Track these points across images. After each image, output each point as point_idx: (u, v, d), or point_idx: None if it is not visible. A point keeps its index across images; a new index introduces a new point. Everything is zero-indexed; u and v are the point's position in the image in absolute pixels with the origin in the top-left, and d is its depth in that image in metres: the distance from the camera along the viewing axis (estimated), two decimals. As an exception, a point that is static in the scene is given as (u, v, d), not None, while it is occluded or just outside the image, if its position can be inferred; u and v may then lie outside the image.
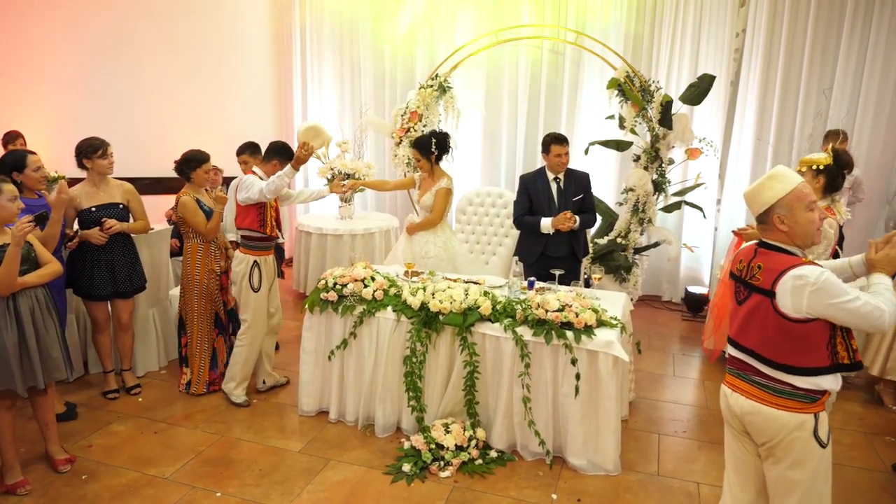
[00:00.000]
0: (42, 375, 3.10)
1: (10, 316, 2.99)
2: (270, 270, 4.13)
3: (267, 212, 3.98)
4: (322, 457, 3.53)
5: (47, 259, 3.18)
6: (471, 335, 3.51)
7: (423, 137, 4.49)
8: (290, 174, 3.79)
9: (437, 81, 5.65)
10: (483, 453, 3.49)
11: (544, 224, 4.16)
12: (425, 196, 4.52)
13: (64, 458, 3.38)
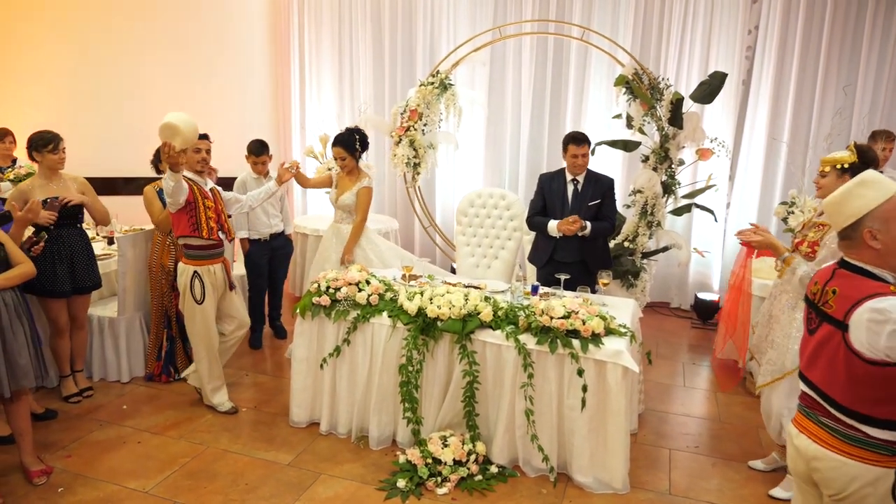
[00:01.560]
0: (8, 383, 2.91)
1: (23, 307, 2.85)
2: (218, 280, 3.81)
3: (199, 214, 3.64)
4: (312, 471, 3.34)
5: (19, 259, 3.00)
6: (470, 343, 3.32)
7: (347, 134, 4.37)
8: (171, 177, 3.41)
9: (438, 78, 5.46)
10: (483, 469, 3.29)
11: (550, 227, 3.97)
12: (345, 195, 4.37)
13: (39, 470, 3.19)
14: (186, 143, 3.41)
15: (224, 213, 3.81)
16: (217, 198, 3.80)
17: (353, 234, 4.37)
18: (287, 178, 4.04)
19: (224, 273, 3.86)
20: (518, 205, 5.03)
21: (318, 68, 6.76)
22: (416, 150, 5.55)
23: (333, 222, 4.54)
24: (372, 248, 4.46)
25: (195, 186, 3.66)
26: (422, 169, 5.64)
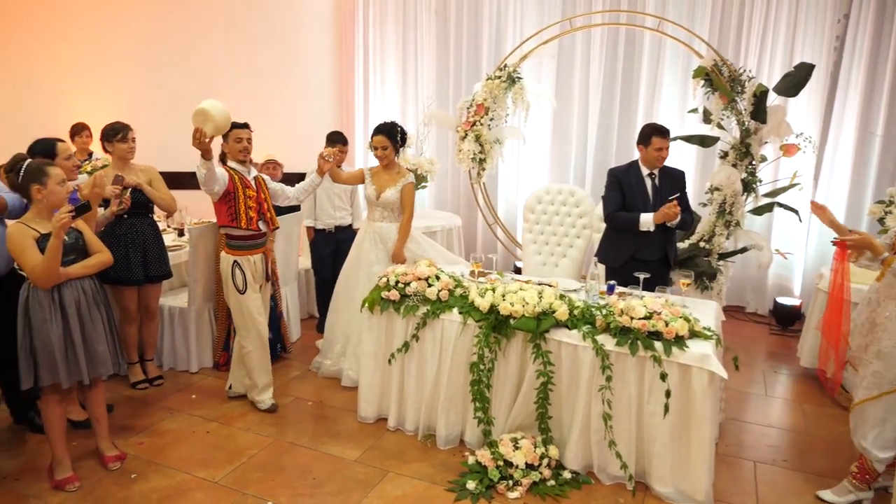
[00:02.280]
0: (87, 370, 2.94)
1: (55, 308, 2.84)
2: (258, 271, 3.75)
3: (238, 204, 3.58)
4: (380, 468, 3.27)
5: (97, 248, 3.02)
6: (545, 342, 3.19)
7: (390, 124, 4.16)
8: (202, 165, 3.35)
9: (506, 72, 5.34)
10: (556, 474, 3.16)
11: (644, 220, 3.78)
12: (388, 192, 4.11)
13: (113, 455, 3.23)
14: (218, 130, 3.33)
15: (267, 204, 3.74)
16: (261, 187, 3.73)
17: (404, 233, 4.16)
18: (326, 168, 3.87)
19: (264, 264, 3.79)
20: (588, 202, 4.86)
21: (382, 64, 6.73)
22: (482, 146, 5.45)
23: (371, 221, 4.23)
24: (416, 247, 4.29)
25: (236, 176, 3.61)
26: (487, 165, 5.53)
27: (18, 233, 2.80)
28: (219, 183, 3.49)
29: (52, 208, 2.84)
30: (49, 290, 2.83)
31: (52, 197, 2.83)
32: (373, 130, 4.16)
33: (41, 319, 2.82)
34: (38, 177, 2.81)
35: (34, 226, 2.82)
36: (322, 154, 3.87)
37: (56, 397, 2.96)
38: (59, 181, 2.85)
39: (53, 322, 2.83)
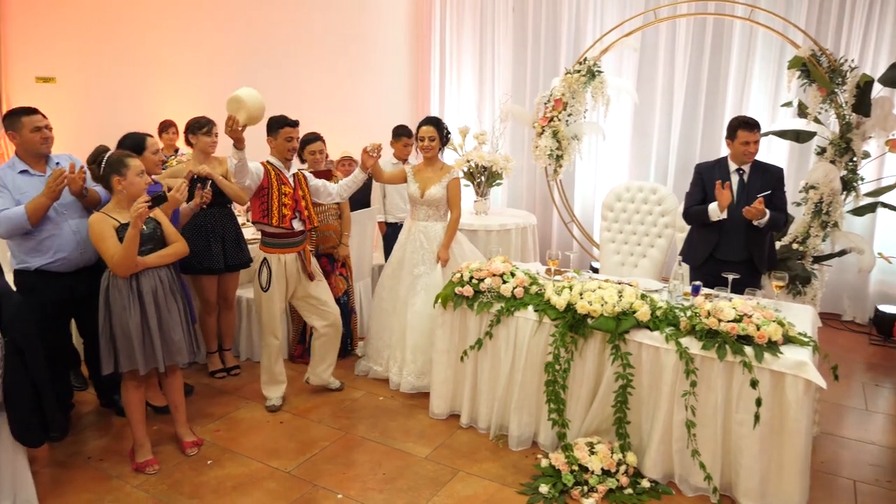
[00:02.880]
0: (163, 358, 3.01)
1: (133, 296, 2.92)
2: (289, 271, 3.63)
3: (271, 201, 3.51)
4: (450, 466, 3.21)
5: (174, 238, 3.10)
6: (624, 343, 3.05)
7: (438, 118, 4.06)
8: (234, 155, 3.30)
9: (586, 66, 5.19)
10: (633, 482, 3.01)
11: (712, 209, 3.58)
12: (433, 189, 3.93)
13: (191, 441, 3.31)
14: (251, 119, 3.23)
15: (306, 201, 3.62)
16: (301, 184, 3.64)
17: (451, 232, 3.98)
18: (370, 163, 3.67)
19: (298, 264, 3.66)
20: (671, 200, 4.65)
21: (458, 59, 6.69)
22: (559, 142, 5.32)
23: (415, 220, 4.05)
24: (459, 249, 4.11)
25: (273, 171, 3.54)
26: (564, 161, 5.39)
27: (99, 222, 2.90)
28: (251, 177, 3.42)
29: (131, 199, 2.92)
30: (127, 278, 2.91)
31: (132, 188, 2.92)
32: (420, 121, 4.03)
33: (120, 307, 2.91)
34: (118, 168, 2.91)
35: (114, 215, 2.92)
36: (365, 148, 3.68)
37: (134, 382, 3.05)
38: (138, 172, 2.92)
39: (131, 310, 2.91)
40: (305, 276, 3.69)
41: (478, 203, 5.81)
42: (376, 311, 4.21)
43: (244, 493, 2.98)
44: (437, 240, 3.97)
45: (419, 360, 3.90)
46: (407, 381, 3.93)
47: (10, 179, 3.10)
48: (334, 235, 4.36)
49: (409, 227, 4.09)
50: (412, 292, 3.95)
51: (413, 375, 3.92)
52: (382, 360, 4.15)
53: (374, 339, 4.21)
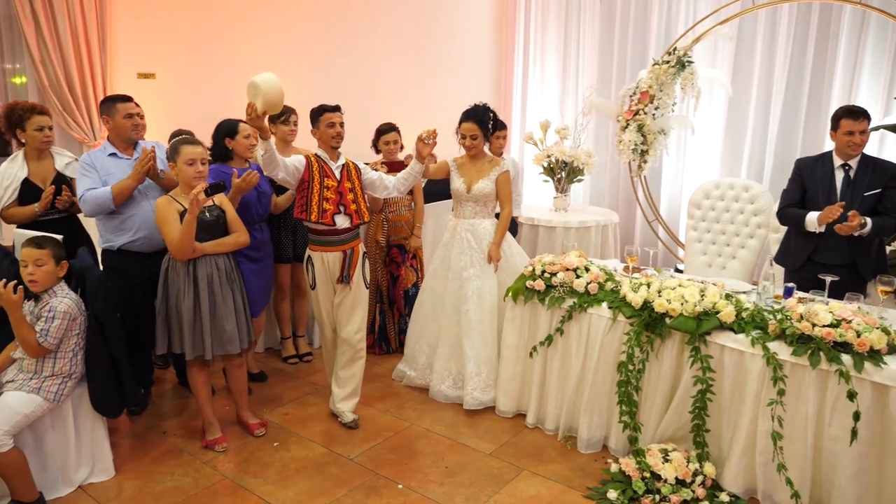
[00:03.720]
0: (212, 346, 3.04)
1: (188, 281, 2.97)
2: (331, 271, 3.33)
3: (310, 195, 3.23)
4: (515, 465, 3.11)
5: (236, 228, 3.13)
6: (705, 345, 2.84)
7: (482, 109, 3.68)
8: (261, 145, 3.04)
9: (675, 56, 4.93)
10: (711, 494, 2.80)
11: (810, 221, 3.30)
12: (480, 184, 3.65)
13: (257, 423, 3.37)
14: (269, 105, 2.93)
15: (356, 195, 3.32)
16: (350, 177, 3.34)
17: (502, 229, 3.69)
18: (427, 152, 3.40)
19: (341, 263, 3.31)
20: (765, 198, 4.34)
21: (542, 52, 6.54)
22: (645, 136, 5.08)
23: (460, 218, 3.76)
24: (507, 246, 3.82)
25: (317, 163, 3.28)
26: (649, 157, 5.15)
27: (164, 205, 2.97)
28: (285, 170, 3.16)
29: (183, 185, 2.98)
30: (185, 262, 2.97)
31: (182, 174, 2.97)
32: (461, 116, 3.70)
33: (175, 290, 2.97)
34: (173, 155, 2.98)
35: (180, 200, 2.98)
36: (420, 136, 3.38)
37: (198, 364, 3.12)
38: (186, 160, 2.94)
39: (186, 294, 2.96)
40: (338, 279, 3.33)
41: (557, 199, 5.66)
42: (416, 314, 3.97)
43: (307, 476, 2.99)
44: (486, 238, 3.68)
45: (484, 371, 3.61)
46: (472, 396, 3.58)
47: (99, 161, 3.27)
48: (406, 226, 4.34)
49: (453, 226, 3.79)
50: (462, 298, 3.65)
51: (479, 390, 3.59)
52: (418, 365, 3.90)
53: (412, 343, 3.97)
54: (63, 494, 2.80)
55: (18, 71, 6.49)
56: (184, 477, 2.97)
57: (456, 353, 3.70)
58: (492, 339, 3.63)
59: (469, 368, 3.59)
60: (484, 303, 3.62)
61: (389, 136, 4.24)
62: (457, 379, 3.73)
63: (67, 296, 2.70)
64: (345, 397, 3.48)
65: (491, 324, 3.63)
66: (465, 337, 3.63)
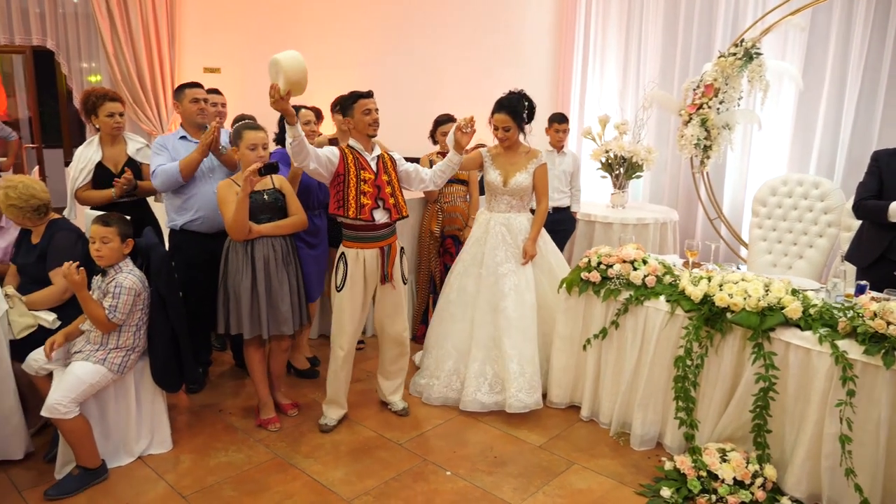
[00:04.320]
0: (269, 326, 3.10)
1: (247, 261, 3.04)
2: (369, 270, 3.12)
3: (346, 189, 3.01)
4: (565, 458, 3.05)
5: (294, 210, 3.18)
6: (769, 342, 2.72)
7: (516, 98, 3.45)
8: (288, 132, 2.82)
9: (743, 47, 4.75)
10: (771, 498, 2.68)
11: (893, 210, 3.12)
12: (518, 177, 3.48)
13: (289, 403, 3.44)
14: (291, 85, 2.71)
15: (393, 189, 3.13)
16: (386, 169, 3.14)
17: (539, 223, 3.55)
18: (466, 142, 3.21)
19: (380, 261, 3.14)
20: (836, 196, 4.16)
21: (603, 45, 6.41)
22: (708, 131, 4.93)
23: (494, 213, 3.60)
24: (542, 242, 3.65)
25: (352, 155, 3.06)
26: (713, 152, 4.99)
27: (224, 188, 3.06)
28: (317, 161, 2.94)
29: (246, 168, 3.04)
30: (244, 243, 3.03)
31: (244, 159, 3.03)
32: (493, 106, 3.50)
33: (234, 270, 3.04)
34: (235, 139, 3.05)
35: (240, 183, 3.04)
36: (459, 125, 3.20)
37: (255, 344, 3.18)
38: (248, 145, 3.00)
39: (244, 274, 3.03)
40: (380, 279, 3.18)
41: (615, 196, 5.55)
42: (440, 315, 3.69)
43: (356, 458, 3.02)
44: (522, 233, 3.53)
45: (528, 371, 3.38)
46: (517, 398, 3.35)
47: (170, 143, 3.42)
48: (461, 217, 4.33)
49: (486, 221, 3.61)
50: (500, 295, 3.46)
51: (524, 391, 3.37)
52: (443, 372, 3.56)
53: (436, 349, 3.64)
54: (124, 464, 2.91)
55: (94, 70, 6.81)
56: (237, 453, 3.04)
57: (492, 355, 3.46)
58: (533, 338, 3.45)
59: (511, 369, 3.37)
60: (523, 299, 3.46)
61: (446, 127, 4.26)
62: (493, 383, 3.45)
63: (132, 272, 2.79)
64: (395, 389, 3.48)
65: (532, 321, 3.46)
66: (504, 336, 3.41)
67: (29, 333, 2.88)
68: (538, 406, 3.39)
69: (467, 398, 3.43)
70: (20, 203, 2.93)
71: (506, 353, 3.40)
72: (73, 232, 3.03)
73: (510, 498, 2.74)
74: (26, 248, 3.09)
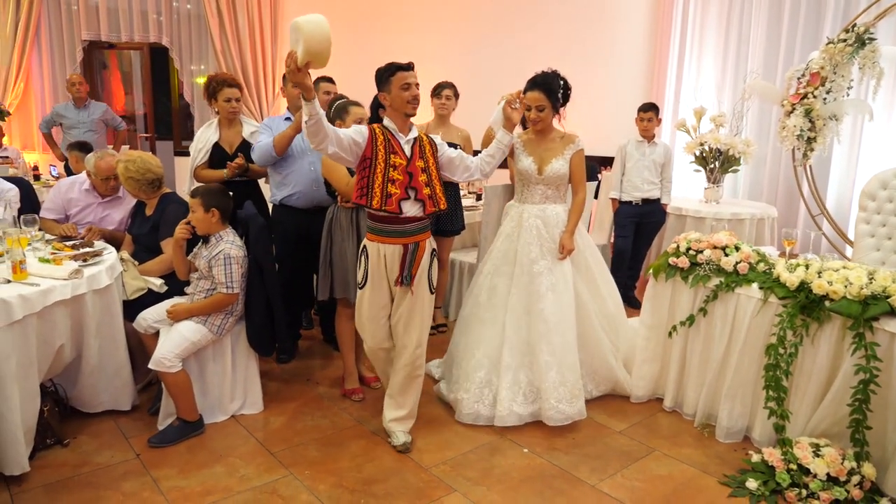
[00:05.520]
0: (331, 288, 3.22)
1: (352, 230, 3.17)
2: (391, 268, 2.77)
3: (373, 175, 2.66)
4: (646, 444, 2.99)
5: None
6: (871, 332, 2.57)
7: (552, 76, 3.13)
8: (305, 108, 2.43)
9: (854, 33, 4.48)
10: (869, 498, 2.53)
11: None
12: (554, 163, 3.18)
13: (374, 377, 3.50)
14: (311, 55, 2.35)
15: (429, 177, 2.76)
16: (423, 154, 2.78)
17: (577, 214, 3.24)
18: (517, 118, 2.98)
19: (401, 259, 2.75)
20: (955, 188, 3.84)
21: (702, 34, 6.19)
22: (813, 122, 4.68)
23: (528, 204, 3.28)
24: (579, 237, 3.33)
25: (382, 136, 2.70)
26: (817, 144, 4.73)
27: None
28: (337, 144, 2.58)
29: None
30: (349, 213, 3.17)
31: None
32: (526, 84, 3.17)
33: (340, 239, 3.19)
34: (340, 113, 3.16)
35: None
36: (508, 99, 2.95)
37: (348, 312, 3.30)
38: (356, 119, 3.10)
39: (349, 242, 3.17)
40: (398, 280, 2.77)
41: (708, 190, 5.37)
42: (467, 319, 3.36)
43: (434, 430, 3.08)
44: (560, 226, 3.21)
45: (570, 379, 3.07)
46: (557, 409, 3.04)
47: (275, 124, 3.64)
48: None
49: (518, 213, 3.30)
50: (535, 296, 3.14)
51: (565, 401, 3.05)
52: (473, 385, 3.17)
53: (463, 359, 3.27)
54: (218, 420, 3.10)
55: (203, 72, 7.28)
56: (322, 419, 3.17)
57: (527, 362, 3.14)
58: (574, 343, 3.15)
59: (550, 378, 3.05)
60: (561, 299, 3.14)
61: None
62: (528, 392, 3.13)
63: (233, 242, 2.98)
64: (400, 419, 2.97)
65: (572, 324, 3.16)
66: (542, 341, 3.09)
67: (139, 296, 3.14)
68: (581, 416, 3.09)
69: (503, 412, 3.07)
70: (137, 176, 3.19)
71: (543, 360, 3.07)
72: (182, 205, 3.27)
73: (587, 478, 2.71)
74: (141, 220, 3.37)
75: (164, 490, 2.56)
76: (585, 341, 3.29)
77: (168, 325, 2.98)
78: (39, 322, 2.55)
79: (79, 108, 5.77)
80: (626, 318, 3.55)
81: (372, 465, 2.78)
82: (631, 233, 4.91)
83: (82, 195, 3.59)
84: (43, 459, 2.73)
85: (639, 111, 4.77)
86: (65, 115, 5.76)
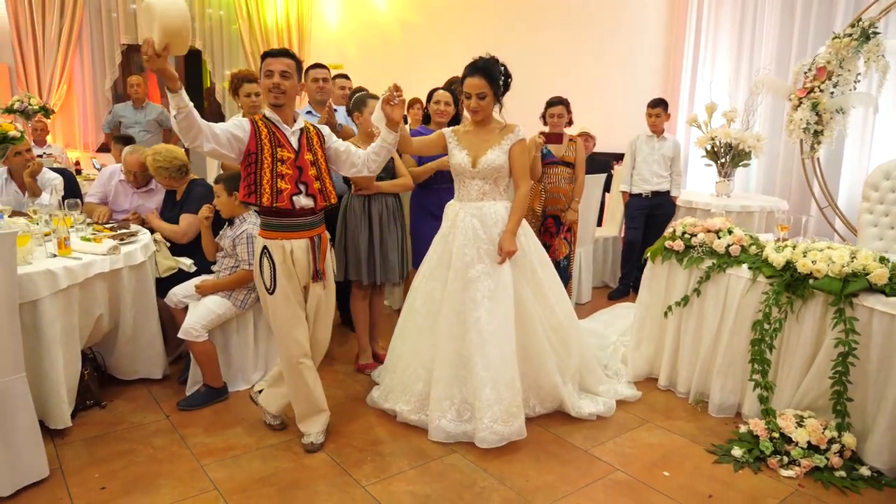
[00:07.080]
0: (380, 274, 3.45)
1: (365, 216, 3.41)
2: (298, 263, 2.61)
3: (260, 170, 2.51)
4: (639, 416, 3.16)
5: (402, 172, 3.51)
6: (851, 308, 2.70)
7: (492, 62, 2.88)
8: (171, 101, 2.25)
9: (859, 27, 4.57)
10: (848, 466, 2.67)
11: None
12: (490, 154, 2.88)
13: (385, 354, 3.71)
14: (170, 36, 2.10)
15: (319, 170, 2.62)
16: (311, 146, 2.63)
17: (520, 211, 2.91)
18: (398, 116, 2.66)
19: (310, 254, 2.64)
20: (957, 178, 3.92)
21: (716, 31, 6.30)
22: (819, 115, 4.78)
23: (465, 202, 2.98)
24: (522, 236, 3.02)
25: (266, 129, 2.54)
26: (824, 138, 4.83)
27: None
28: (214, 140, 2.42)
29: (364, 133, 3.36)
30: (362, 200, 3.40)
31: (366, 123, 3.36)
32: (464, 70, 2.92)
33: (354, 225, 3.42)
34: (359, 105, 3.39)
35: (359, 145, 3.39)
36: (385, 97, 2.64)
37: (361, 293, 3.54)
38: (372, 111, 3.34)
39: (362, 228, 3.41)
40: (310, 276, 2.66)
41: (719, 184, 5.47)
42: (403, 327, 3.13)
43: (441, 402, 3.28)
44: (499, 225, 2.90)
45: (506, 397, 2.76)
46: (492, 429, 2.73)
47: None
48: (563, 198, 4.33)
49: (454, 213, 3.00)
50: (470, 303, 2.83)
51: (500, 421, 2.74)
52: (413, 395, 2.98)
53: (400, 366, 3.08)
54: (241, 389, 3.35)
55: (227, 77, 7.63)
56: (337, 389, 3.40)
57: (461, 375, 2.85)
58: (513, 356, 2.82)
59: (485, 395, 2.75)
60: (500, 308, 2.83)
61: (554, 109, 4.29)
62: (462, 409, 2.86)
63: (255, 223, 3.22)
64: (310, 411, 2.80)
65: (510, 335, 2.83)
66: (476, 353, 2.79)
67: (170, 274, 3.41)
68: (519, 436, 2.79)
69: (432, 425, 2.86)
70: (165, 164, 3.47)
71: (477, 375, 2.78)
72: (207, 188, 3.54)
73: (581, 444, 2.89)
74: (171, 205, 3.66)
75: (191, 445, 2.81)
76: (528, 353, 2.95)
77: (196, 299, 3.24)
78: (81, 292, 2.83)
79: (136, 109, 6.00)
80: (578, 328, 3.19)
81: (381, 428, 3.00)
82: (641, 224, 5.06)
83: (119, 185, 3.89)
84: (83, 418, 3.01)
85: (648, 107, 4.93)
86: (124, 115, 6.01)
